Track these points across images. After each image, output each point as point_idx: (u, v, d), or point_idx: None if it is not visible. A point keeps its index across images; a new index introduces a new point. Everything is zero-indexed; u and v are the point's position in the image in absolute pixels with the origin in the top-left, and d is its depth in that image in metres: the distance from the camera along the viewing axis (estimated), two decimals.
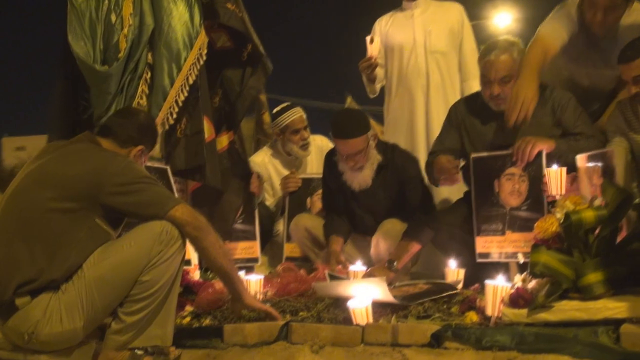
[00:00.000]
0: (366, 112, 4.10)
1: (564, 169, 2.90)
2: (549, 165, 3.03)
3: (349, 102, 12.18)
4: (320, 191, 4.02)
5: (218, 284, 3.24)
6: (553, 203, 2.73)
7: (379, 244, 3.41)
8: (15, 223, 2.26)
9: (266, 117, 5.98)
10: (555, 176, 2.92)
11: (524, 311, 2.33)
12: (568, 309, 2.28)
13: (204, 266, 3.74)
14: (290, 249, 3.99)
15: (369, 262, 3.52)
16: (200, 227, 2.44)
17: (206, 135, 3.38)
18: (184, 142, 3.39)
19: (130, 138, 2.57)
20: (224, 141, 3.81)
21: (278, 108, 4.53)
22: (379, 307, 2.68)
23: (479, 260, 3.26)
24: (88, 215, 2.29)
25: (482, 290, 2.66)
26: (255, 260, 3.87)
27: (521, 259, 2.74)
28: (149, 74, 3.17)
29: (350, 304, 2.54)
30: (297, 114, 4.35)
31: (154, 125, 2.77)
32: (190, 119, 3.41)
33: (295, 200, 4.19)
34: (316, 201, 4.08)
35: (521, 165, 3.15)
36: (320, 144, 4.50)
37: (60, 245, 2.23)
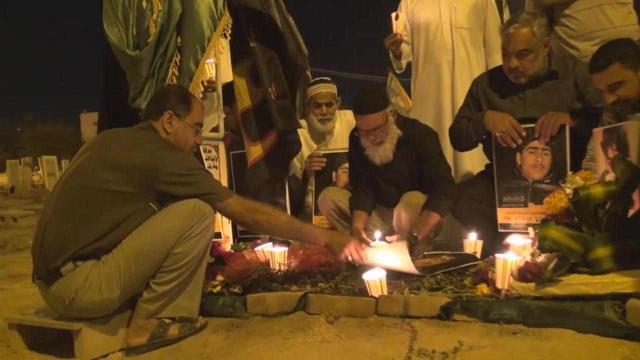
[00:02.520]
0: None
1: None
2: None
3: (391, 75, 12.01)
4: (344, 165, 3.98)
5: (248, 255, 3.27)
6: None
7: (401, 215, 3.35)
8: (74, 200, 2.32)
9: None
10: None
11: (532, 285, 2.26)
12: (575, 283, 2.21)
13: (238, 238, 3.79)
14: (319, 221, 3.95)
15: (391, 233, 3.48)
16: (253, 210, 2.54)
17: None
18: (276, 105, 3.45)
19: (154, 111, 2.62)
20: None
21: (313, 80, 4.48)
22: (393, 280, 2.66)
23: (501, 230, 3.21)
24: (142, 199, 2.36)
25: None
26: None
27: (532, 233, 2.65)
28: (179, 57, 3.15)
29: (365, 277, 2.51)
30: (322, 89, 4.29)
31: (172, 90, 2.76)
32: (277, 83, 3.47)
33: (321, 174, 4.12)
34: (341, 175, 4.02)
35: (545, 139, 3.06)
36: (352, 119, 4.41)
37: (113, 223, 2.29)
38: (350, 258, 2.69)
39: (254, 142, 3.60)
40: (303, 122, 4.53)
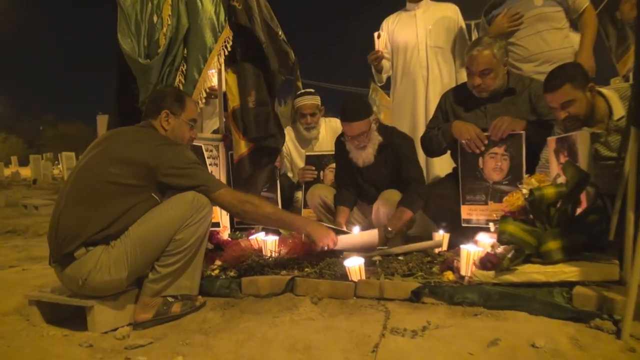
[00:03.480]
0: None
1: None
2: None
3: (372, 87, 12.00)
4: (331, 165, 3.99)
5: (243, 243, 3.26)
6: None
7: (379, 210, 3.37)
8: (85, 191, 2.30)
9: None
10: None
11: (492, 273, 2.28)
12: (529, 272, 2.23)
13: (235, 227, 3.77)
14: (307, 214, 3.95)
15: (371, 226, 3.49)
16: (243, 201, 2.50)
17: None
18: (253, 113, 3.38)
19: (152, 110, 2.60)
20: None
21: (299, 92, 4.47)
22: (371, 266, 2.66)
23: (464, 225, 3.22)
24: (145, 190, 2.34)
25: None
26: None
27: (492, 228, 2.66)
28: (185, 66, 3.13)
29: (346, 263, 2.51)
30: (307, 101, 4.31)
31: (167, 91, 2.71)
32: (257, 92, 3.40)
33: None
34: (328, 173, 4.03)
35: (495, 138, 3.08)
36: (335, 125, 4.43)
37: (120, 211, 2.27)
38: (325, 248, 2.71)
39: (245, 135, 3.56)
40: (288, 129, 4.54)
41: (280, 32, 3.72)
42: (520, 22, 3.65)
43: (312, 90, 4.45)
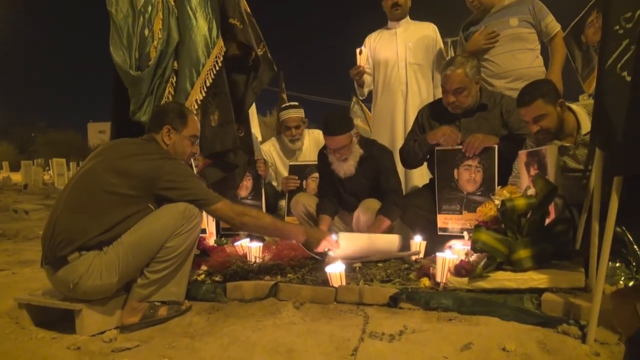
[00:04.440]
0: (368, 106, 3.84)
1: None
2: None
3: (354, 100, 11.99)
4: (313, 174, 4.00)
5: (229, 249, 3.24)
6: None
7: (360, 218, 3.38)
8: (84, 198, 2.28)
9: None
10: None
11: (466, 280, 2.29)
12: (501, 279, 2.24)
13: (221, 234, 3.74)
14: (290, 221, 3.94)
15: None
16: (241, 213, 2.50)
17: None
18: (217, 130, 3.29)
19: (155, 125, 2.60)
20: None
21: (284, 105, 4.47)
22: (351, 272, 2.66)
23: (440, 233, 3.23)
24: (142, 201, 2.33)
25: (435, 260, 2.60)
26: None
27: (466, 237, 2.68)
28: (175, 78, 3.12)
29: (327, 269, 2.51)
30: (291, 114, 4.31)
31: (170, 107, 2.70)
32: (220, 111, 3.33)
33: None
34: (310, 183, 4.03)
35: (469, 155, 3.11)
36: (318, 137, 4.44)
37: (117, 220, 2.26)
38: (327, 250, 2.71)
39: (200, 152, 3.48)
40: (273, 140, 4.53)
41: (261, 46, 3.71)
42: (495, 40, 3.71)
43: (296, 103, 4.45)
